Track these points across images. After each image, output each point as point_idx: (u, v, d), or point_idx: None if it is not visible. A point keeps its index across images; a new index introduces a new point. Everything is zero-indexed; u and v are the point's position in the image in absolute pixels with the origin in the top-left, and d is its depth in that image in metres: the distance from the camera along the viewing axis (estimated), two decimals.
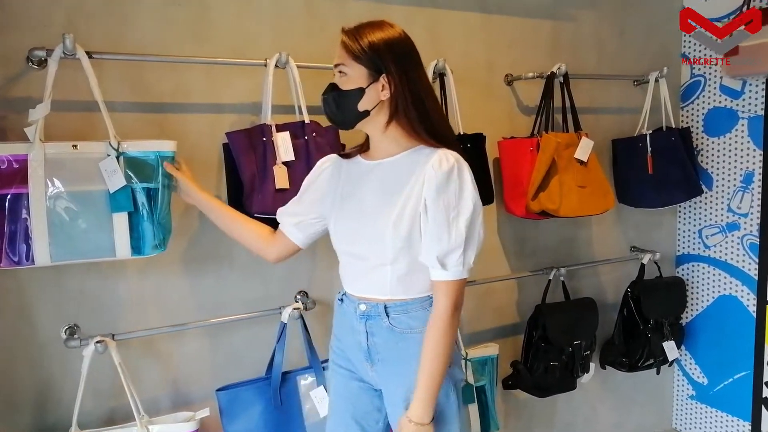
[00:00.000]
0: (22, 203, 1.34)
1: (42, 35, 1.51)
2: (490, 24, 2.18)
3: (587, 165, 2.12)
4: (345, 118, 1.32)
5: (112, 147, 1.42)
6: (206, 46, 1.71)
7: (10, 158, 1.34)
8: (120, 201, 1.40)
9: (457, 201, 1.24)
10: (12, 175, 1.34)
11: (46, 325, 1.58)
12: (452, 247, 1.23)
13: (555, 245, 2.42)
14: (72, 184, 1.37)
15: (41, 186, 1.35)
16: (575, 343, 2.19)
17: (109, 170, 1.39)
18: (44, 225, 1.34)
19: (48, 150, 1.36)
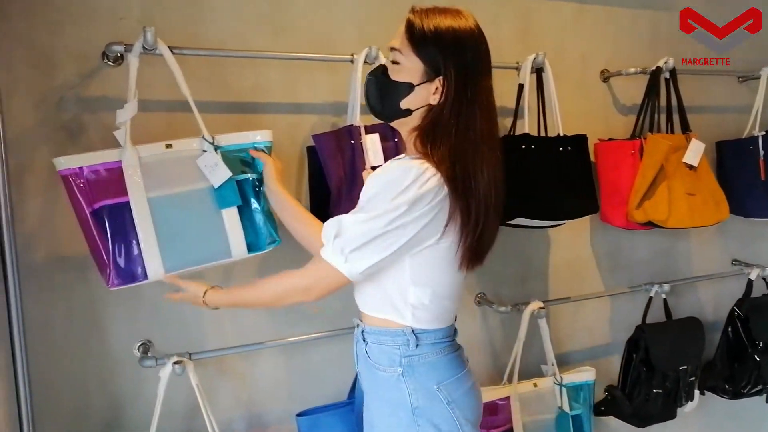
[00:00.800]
0: (124, 214, 1.23)
1: (117, 30, 1.41)
2: (584, 15, 1.98)
3: (697, 170, 1.90)
4: (383, 110, 1.16)
5: (207, 141, 1.32)
6: (284, 40, 1.58)
7: (103, 167, 1.23)
8: (227, 195, 1.30)
9: (372, 197, 1.07)
10: (107, 184, 1.23)
11: (120, 341, 1.48)
12: (333, 225, 1.08)
13: (650, 258, 2.20)
14: (172, 186, 1.27)
15: (141, 192, 1.24)
16: (681, 369, 1.96)
17: (209, 165, 1.29)
18: (152, 234, 1.23)
19: (142, 153, 1.26)
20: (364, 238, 1.05)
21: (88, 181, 1.21)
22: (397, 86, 1.10)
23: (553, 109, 1.74)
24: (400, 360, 1.13)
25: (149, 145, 1.28)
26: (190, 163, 1.29)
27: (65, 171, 1.21)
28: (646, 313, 2.04)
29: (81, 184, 1.21)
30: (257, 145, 1.37)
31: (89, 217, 1.21)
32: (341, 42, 1.62)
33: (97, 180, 1.22)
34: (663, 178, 1.84)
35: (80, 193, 1.21)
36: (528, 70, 1.69)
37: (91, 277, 1.44)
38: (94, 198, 1.21)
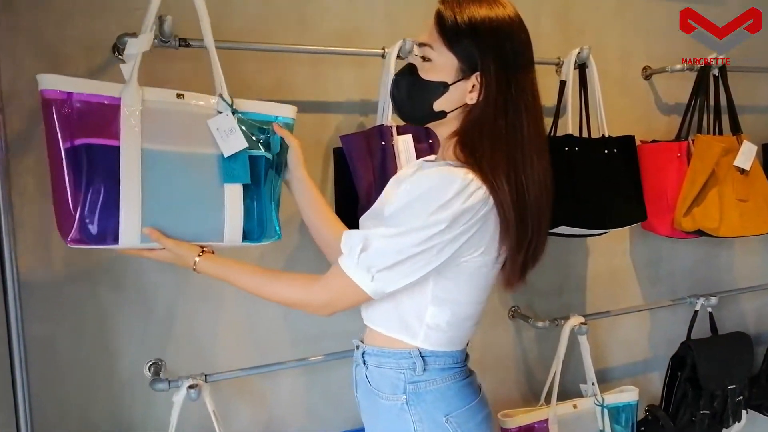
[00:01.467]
0: (109, 159, 0.99)
1: (130, 22, 1.29)
2: (626, 8, 1.85)
3: (749, 174, 1.77)
4: (414, 113, 1.03)
5: (225, 102, 1.10)
6: (309, 33, 1.46)
7: (97, 99, 1.00)
8: (236, 169, 1.08)
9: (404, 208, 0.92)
10: (98, 120, 1.00)
11: (129, 360, 1.36)
12: (361, 236, 0.93)
13: (692, 268, 2.07)
14: (174, 143, 1.05)
15: (136, 139, 1.01)
16: (729, 388, 1.83)
17: (222, 129, 1.08)
18: (137, 190, 1.00)
19: (147, 96, 1.04)
20: (396, 257, 0.91)
21: (75, 110, 0.98)
22: (429, 86, 0.97)
23: (597, 108, 1.61)
24: (404, 386, 1.00)
25: (157, 89, 1.06)
26: (200, 122, 1.08)
27: (50, 93, 0.98)
28: (691, 328, 1.90)
29: (65, 113, 0.98)
30: (281, 119, 1.17)
31: (64, 153, 0.98)
32: (371, 35, 1.50)
33: (86, 112, 0.99)
34: (714, 183, 1.71)
35: (61, 122, 0.98)
36: (571, 66, 1.57)
37: (100, 291, 1.32)
38: (76, 132, 0.98)
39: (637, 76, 1.90)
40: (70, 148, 0.98)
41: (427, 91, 0.97)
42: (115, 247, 1.01)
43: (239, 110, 1.12)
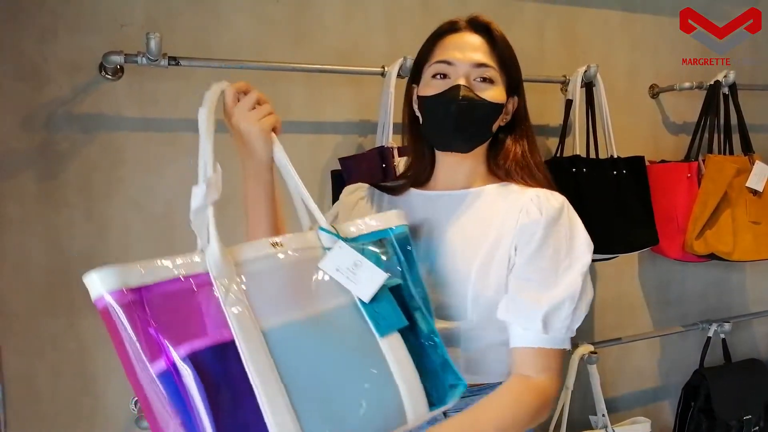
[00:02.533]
0: (224, 365, 0.65)
1: (118, 38, 1.23)
2: (632, 24, 1.80)
3: (762, 196, 1.70)
4: (473, 138, 0.93)
5: (329, 232, 0.80)
6: (305, 51, 1.40)
7: (179, 285, 0.66)
8: (385, 312, 0.77)
9: (569, 248, 0.89)
10: (191, 314, 0.66)
11: (114, 397, 1.28)
12: (563, 300, 0.86)
13: (703, 292, 2.00)
14: (294, 308, 0.73)
15: (249, 321, 0.67)
16: (745, 419, 1.75)
17: (344, 267, 0.78)
18: (281, 394, 0.66)
19: (238, 257, 0.71)
20: (590, 297, 0.90)
21: (156, 309, 0.63)
22: (494, 108, 0.92)
23: (605, 128, 1.55)
24: None
25: (246, 245, 0.74)
26: (313, 270, 0.77)
27: (112, 297, 0.62)
28: (704, 355, 1.83)
29: (139, 319, 0.62)
30: (395, 231, 0.85)
31: (161, 378, 0.62)
32: (369, 52, 1.44)
33: (170, 306, 0.64)
34: (726, 205, 1.64)
35: (141, 336, 0.62)
36: (578, 84, 1.51)
37: (81, 324, 1.24)
38: (168, 340, 0.63)
39: (643, 95, 1.84)
40: (167, 370, 0.62)
41: (492, 114, 0.92)
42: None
43: (349, 236, 0.83)
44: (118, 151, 1.25)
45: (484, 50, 0.91)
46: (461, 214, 0.95)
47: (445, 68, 0.91)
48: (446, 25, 0.94)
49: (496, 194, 0.95)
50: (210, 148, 0.73)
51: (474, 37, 0.91)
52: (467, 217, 0.94)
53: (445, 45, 0.93)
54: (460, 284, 0.89)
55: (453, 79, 0.90)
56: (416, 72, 0.97)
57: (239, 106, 0.83)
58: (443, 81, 0.91)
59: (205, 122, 0.75)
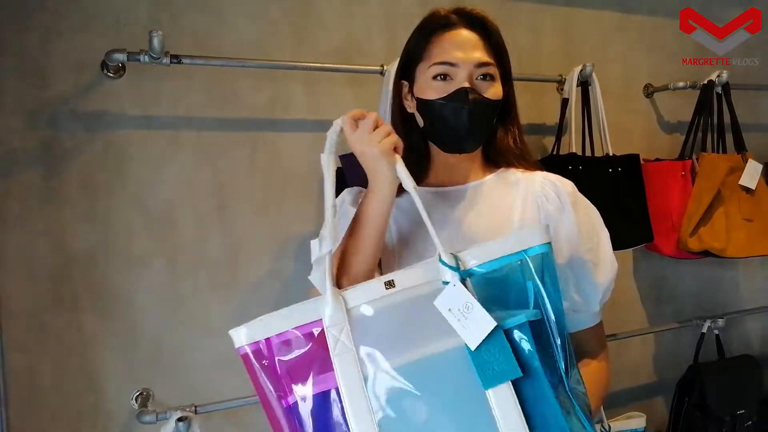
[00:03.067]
0: (327, 407, 0.71)
1: (120, 38, 1.25)
2: (628, 25, 1.83)
3: (754, 194, 1.73)
4: (481, 137, 0.93)
5: (447, 265, 0.74)
6: (305, 49, 1.42)
7: (298, 333, 0.73)
8: (494, 362, 0.70)
9: (592, 224, 0.96)
10: (305, 358, 0.72)
11: (115, 391, 1.29)
12: (610, 280, 0.96)
13: (696, 289, 2.02)
14: (398, 353, 0.71)
15: (354, 367, 0.71)
16: (738, 413, 1.77)
17: (456, 308, 0.72)
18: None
19: (351, 302, 0.73)
20: (617, 268, 0.99)
21: (277, 358, 0.72)
22: (497, 105, 0.93)
23: (600, 126, 1.57)
24: None
25: (360, 287, 0.75)
26: (427, 307, 0.73)
27: (245, 348, 0.73)
28: (698, 351, 1.85)
29: (266, 365, 0.72)
30: (530, 252, 0.75)
31: (283, 414, 0.72)
32: (369, 52, 1.46)
33: (289, 355, 0.72)
34: (719, 202, 1.67)
35: (267, 377, 0.72)
36: (574, 83, 1.53)
37: (83, 320, 1.26)
38: (286, 383, 0.72)
39: (638, 94, 1.87)
40: (287, 407, 0.72)
41: (495, 110, 0.93)
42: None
43: (467, 267, 0.75)
44: (120, 149, 1.27)
45: (483, 47, 0.90)
46: (474, 204, 0.95)
47: (447, 70, 0.89)
48: (439, 20, 0.92)
49: (500, 181, 0.97)
50: (331, 196, 0.76)
51: (471, 34, 0.90)
52: (482, 205, 0.94)
53: (443, 44, 0.90)
54: None
55: (456, 81, 0.89)
56: (407, 69, 0.95)
57: (359, 132, 0.81)
58: (445, 83, 0.89)
59: (326, 167, 0.77)
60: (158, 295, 1.31)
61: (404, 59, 0.96)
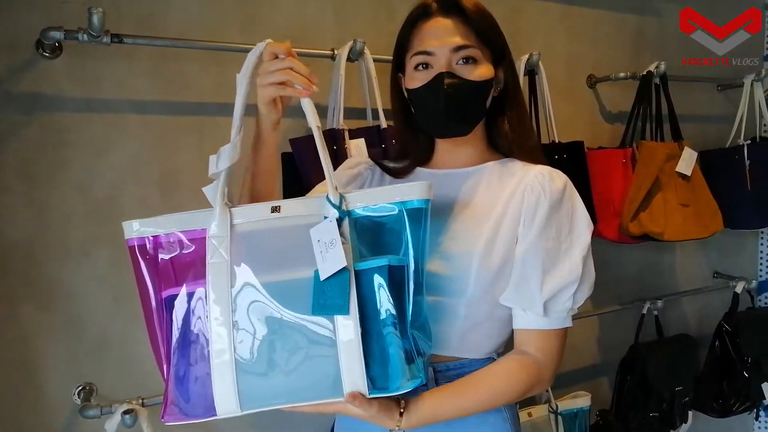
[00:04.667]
0: (195, 306, 0.79)
1: (58, 15, 1.19)
2: (571, 17, 1.88)
3: (690, 180, 1.82)
4: (471, 120, 0.95)
5: (331, 203, 0.80)
6: (253, 32, 1.39)
7: (185, 237, 0.80)
8: (329, 297, 0.78)
9: (570, 229, 0.91)
10: (184, 261, 0.80)
11: (56, 385, 1.23)
12: (565, 285, 0.88)
13: (637, 272, 2.11)
14: (269, 272, 0.79)
15: (223, 277, 0.78)
16: (677, 390, 1.86)
17: (324, 241, 0.78)
18: (228, 343, 0.77)
19: (237, 218, 0.80)
20: (593, 277, 0.93)
21: (159, 254, 0.80)
22: (484, 86, 0.92)
23: (546, 114, 1.61)
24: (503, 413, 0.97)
25: (248, 207, 0.81)
26: (301, 236, 0.79)
27: (133, 240, 0.81)
28: (639, 331, 1.93)
29: (149, 259, 0.80)
30: (409, 205, 0.81)
31: (155, 308, 0.81)
32: (318, 36, 1.45)
33: (171, 255, 0.80)
34: (658, 188, 1.74)
35: (148, 271, 0.81)
36: (521, 72, 1.56)
37: (21, 312, 1.19)
38: (163, 282, 0.80)
39: (582, 84, 1.93)
40: (159, 300, 0.80)
41: (483, 92, 0.93)
42: (216, 418, 0.77)
43: (356, 207, 0.81)
44: (59, 133, 1.21)
45: (460, 31, 0.90)
46: (465, 191, 0.96)
47: (426, 58, 0.91)
48: (418, 9, 0.94)
49: (498, 171, 0.96)
50: (240, 112, 0.80)
51: (447, 20, 0.91)
52: (472, 194, 0.95)
53: (422, 33, 0.93)
54: (465, 260, 0.90)
55: (435, 68, 0.91)
56: (398, 60, 0.98)
57: (264, 66, 0.83)
58: (426, 72, 0.92)
59: (239, 85, 0.81)
60: (101, 285, 1.26)
61: (395, 52, 0.98)
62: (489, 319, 0.92)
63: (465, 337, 0.93)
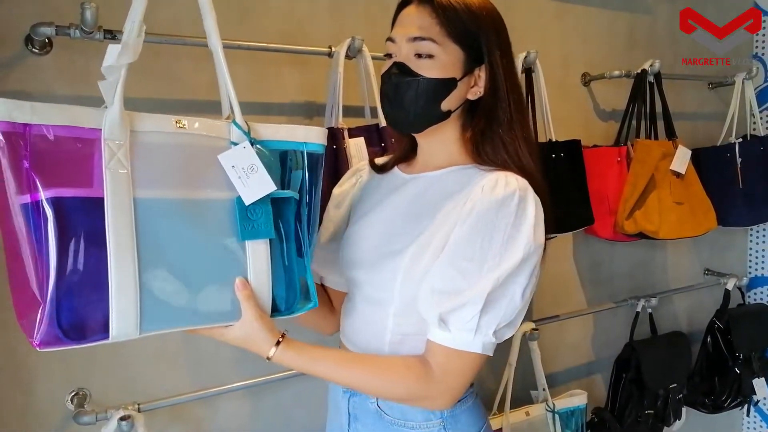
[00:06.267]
0: (90, 217, 0.70)
1: (46, 10, 1.15)
2: (565, 14, 1.87)
3: (684, 178, 1.82)
4: (417, 118, 0.89)
5: (240, 129, 0.81)
6: (249, 28, 1.36)
7: (69, 132, 0.69)
8: (257, 222, 0.81)
9: (502, 245, 0.80)
10: (72, 164, 0.70)
11: (48, 391, 1.20)
12: (464, 303, 0.80)
13: (630, 270, 2.11)
14: (176, 187, 0.76)
15: (124, 185, 0.72)
16: (671, 387, 1.87)
17: (240, 167, 0.79)
18: (132, 258, 0.72)
19: (137, 126, 0.74)
20: (521, 301, 0.82)
21: (37, 149, 0.67)
22: (437, 84, 0.86)
23: (543, 113, 1.60)
24: (442, 410, 0.91)
25: (149, 116, 0.76)
26: (208, 158, 0.79)
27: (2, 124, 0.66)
28: (633, 329, 1.94)
29: (21, 153, 0.67)
30: (309, 147, 0.86)
31: (22, 211, 0.68)
32: (314, 33, 1.42)
33: (52, 150, 0.68)
34: (652, 186, 1.75)
35: (15, 166, 0.67)
36: (518, 70, 1.55)
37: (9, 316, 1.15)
38: (39, 180, 0.67)
39: (576, 82, 1.92)
40: (30, 204, 0.67)
41: (435, 90, 0.87)
42: (107, 342, 0.73)
43: (260, 138, 0.83)
44: None
45: (424, 22, 0.86)
46: (417, 197, 0.93)
47: (390, 46, 0.90)
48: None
49: (454, 178, 0.91)
50: (141, 7, 0.74)
51: (416, 9, 0.88)
52: (421, 200, 0.92)
53: (396, 21, 0.92)
54: (392, 266, 0.87)
55: (396, 58, 0.89)
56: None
57: None
58: (389, 61, 0.91)
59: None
60: None
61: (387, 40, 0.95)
62: (420, 333, 0.87)
63: (399, 350, 0.90)
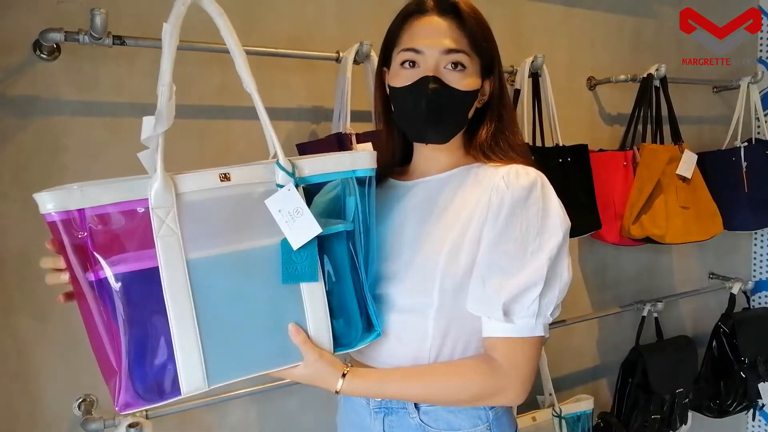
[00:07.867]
0: (149, 286, 0.72)
1: (54, 16, 1.15)
2: (572, 19, 1.87)
3: (690, 182, 1.82)
4: (449, 130, 0.91)
5: (284, 170, 0.79)
6: (257, 34, 1.36)
7: (116, 208, 0.71)
8: (299, 264, 0.80)
9: (540, 228, 0.84)
10: (126, 234, 0.72)
11: (55, 398, 1.19)
12: (526, 287, 0.82)
13: (635, 274, 2.11)
14: (225, 241, 0.77)
15: (176, 250, 0.73)
16: (677, 391, 1.86)
17: (286, 210, 0.78)
18: (191, 319, 0.74)
19: (182, 187, 0.74)
20: (568, 278, 0.85)
21: (93, 230, 0.70)
22: (468, 96, 0.89)
23: (550, 117, 1.60)
24: (486, 413, 0.90)
25: (193, 175, 0.75)
26: (255, 204, 0.78)
27: (53, 216, 0.69)
28: (639, 333, 1.93)
29: (79, 234, 0.70)
30: (357, 174, 0.85)
31: (89, 287, 0.72)
32: (321, 39, 1.42)
33: (107, 228, 0.70)
34: (659, 191, 1.74)
35: (75, 247, 0.70)
36: (525, 75, 1.55)
37: (18, 323, 1.15)
38: (101, 258, 0.71)
39: (582, 87, 1.92)
40: (94, 282, 0.71)
41: (466, 102, 0.90)
42: (180, 398, 0.75)
43: (304, 175, 0.82)
44: (57, 137, 1.17)
45: (454, 34, 0.87)
46: (429, 200, 0.93)
47: (414, 56, 0.88)
48: (413, 5, 0.90)
49: (465, 176, 0.92)
50: (169, 70, 0.72)
51: (442, 21, 0.88)
52: (436, 202, 0.92)
53: (413, 30, 0.89)
54: (428, 269, 0.87)
55: (422, 69, 0.87)
56: (385, 54, 0.94)
57: None
58: (412, 71, 0.88)
59: (168, 38, 0.74)
60: None
61: (383, 45, 0.94)
62: (462, 332, 0.88)
63: (440, 353, 0.89)
